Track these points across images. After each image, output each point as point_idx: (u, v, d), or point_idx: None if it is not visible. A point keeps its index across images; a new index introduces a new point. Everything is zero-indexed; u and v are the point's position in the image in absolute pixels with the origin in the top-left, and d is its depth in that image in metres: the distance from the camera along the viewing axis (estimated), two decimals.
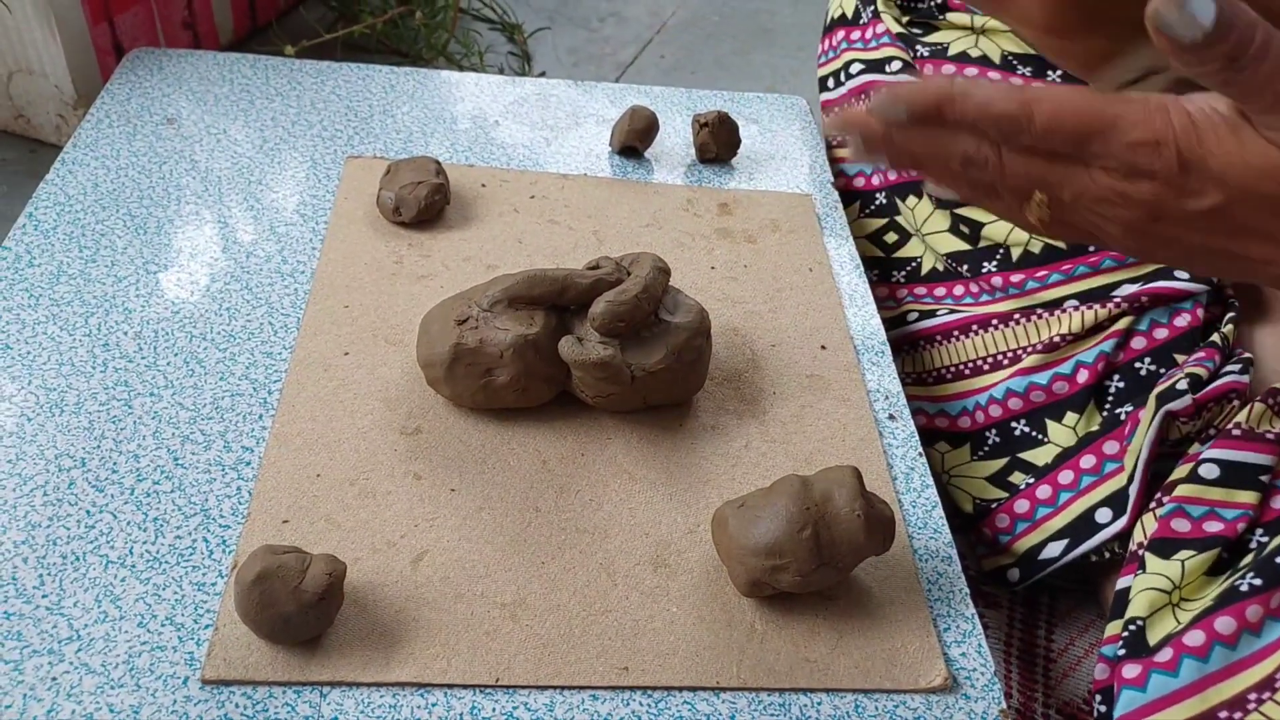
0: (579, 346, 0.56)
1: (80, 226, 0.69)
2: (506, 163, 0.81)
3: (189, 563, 0.51)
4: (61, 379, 0.59)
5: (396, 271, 0.69)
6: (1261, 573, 0.49)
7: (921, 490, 0.61)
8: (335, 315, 0.65)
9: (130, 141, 0.76)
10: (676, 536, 0.56)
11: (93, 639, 0.47)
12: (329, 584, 0.46)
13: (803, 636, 0.52)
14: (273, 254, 0.69)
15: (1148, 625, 0.53)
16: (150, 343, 0.62)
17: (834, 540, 0.50)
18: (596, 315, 0.57)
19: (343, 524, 0.53)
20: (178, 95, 0.82)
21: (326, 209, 0.73)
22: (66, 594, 0.49)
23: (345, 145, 0.79)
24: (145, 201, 0.71)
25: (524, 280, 0.58)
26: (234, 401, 0.59)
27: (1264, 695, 0.46)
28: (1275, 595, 0.48)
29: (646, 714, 0.48)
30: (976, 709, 0.51)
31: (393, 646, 0.49)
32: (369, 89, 0.86)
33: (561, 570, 0.53)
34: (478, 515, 0.55)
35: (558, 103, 0.89)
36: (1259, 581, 0.48)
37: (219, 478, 0.55)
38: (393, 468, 0.56)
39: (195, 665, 0.47)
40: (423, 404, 0.60)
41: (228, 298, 0.65)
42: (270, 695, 0.46)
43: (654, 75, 1.32)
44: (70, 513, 0.52)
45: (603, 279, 0.58)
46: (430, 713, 0.47)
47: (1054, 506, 0.66)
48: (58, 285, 0.64)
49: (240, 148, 0.78)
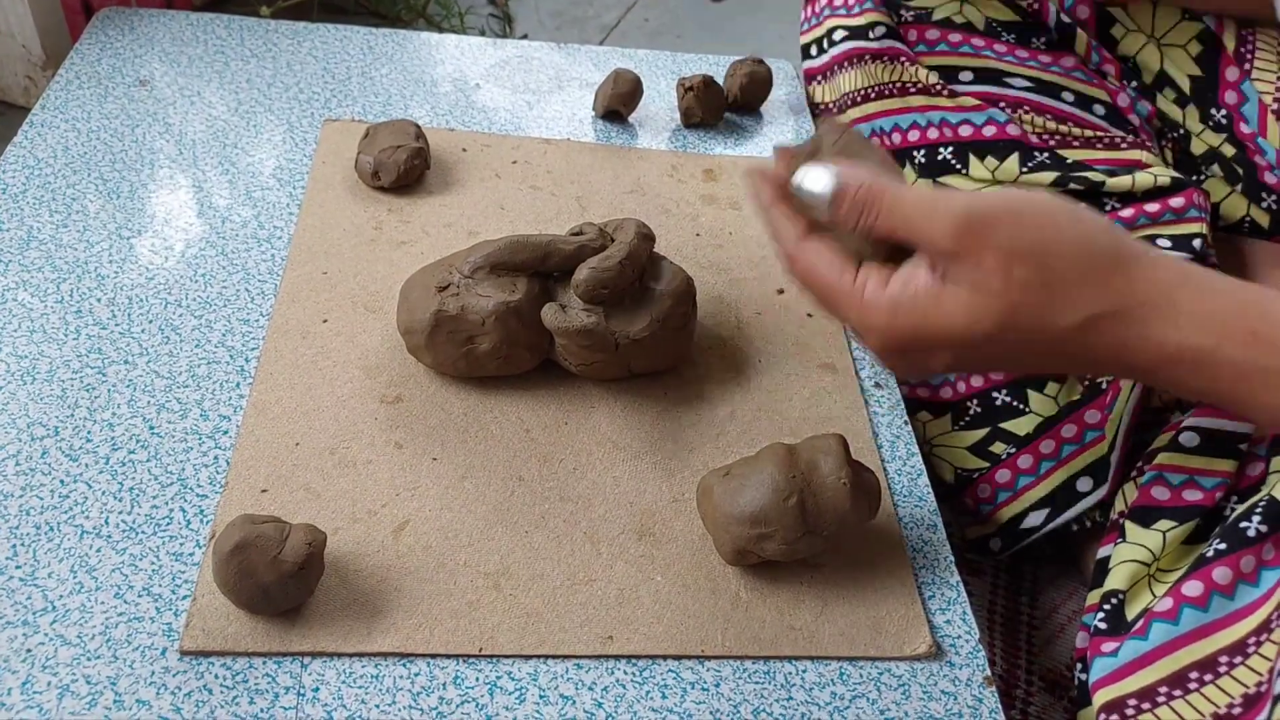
0: (562, 314, 0.56)
1: (50, 190, 0.67)
2: (488, 127, 0.79)
3: (166, 533, 0.50)
4: (33, 346, 0.57)
5: (375, 237, 0.68)
6: (1227, 538, 0.49)
7: (907, 458, 0.61)
8: (313, 282, 0.64)
9: (101, 103, 0.74)
10: (661, 505, 0.55)
11: (68, 610, 0.47)
12: (309, 554, 0.46)
13: (788, 604, 0.52)
14: (249, 219, 0.68)
15: (1127, 599, 0.53)
16: (124, 309, 0.60)
17: (819, 508, 0.50)
18: (580, 282, 0.56)
19: (322, 493, 0.53)
20: (150, 56, 0.80)
21: (304, 173, 0.72)
22: (41, 565, 0.48)
23: (322, 108, 0.78)
24: (117, 165, 0.70)
25: (506, 246, 0.57)
26: (210, 369, 0.58)
27: (1236, 659, 0.46)
28: (1244, 558, 0.48)
29: (631, 683, 0.48)
30: (961, 676, 0.51)
31: (374, 616, 0.48)
32: (347, 51, 0.84)
33: (545, 539, 0.53)
34: (460, 484, 0.54)
35: (540, 66, 0.87)
36: (1224, 546, 0.49)
37: (196, 446, 0.54)
38: (373, 436, 0.56)
39: (173, 636, 0.46)
40: (403, 372, 0.59)
41: (203, 264, 0.64)
42: (250, 666, 0.46)
43: (638, 39, 1.30)
44: (44, 482, 0.51)
45: (586, 245, 0.57)
46: (413, 682, 0.46)
47: (1035, 476, 0.66)
48: (28, 250, 0.63)
49: (215, 110, 0.76)
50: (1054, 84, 0.71)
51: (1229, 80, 0.66)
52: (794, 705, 0.48)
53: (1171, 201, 0.64)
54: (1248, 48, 0.67)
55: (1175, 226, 0.63)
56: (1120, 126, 0.69)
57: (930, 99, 0.71)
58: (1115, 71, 0.72)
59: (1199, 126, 0.68)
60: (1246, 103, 0.66)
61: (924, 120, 0.71)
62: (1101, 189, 0.65)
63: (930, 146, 0.70)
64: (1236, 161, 0.67)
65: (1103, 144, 0.67)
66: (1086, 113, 0.69)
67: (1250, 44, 0.67)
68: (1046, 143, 0.67)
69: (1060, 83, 0.71)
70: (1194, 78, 0.68)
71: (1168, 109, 0.70)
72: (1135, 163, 0.66)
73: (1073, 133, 0.68)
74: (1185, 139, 0.69)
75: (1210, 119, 0.68)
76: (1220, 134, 0.67)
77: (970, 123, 0.69)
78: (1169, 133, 0.71)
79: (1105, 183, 0.65)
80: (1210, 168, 0.69)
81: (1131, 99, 0.71)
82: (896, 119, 0.72)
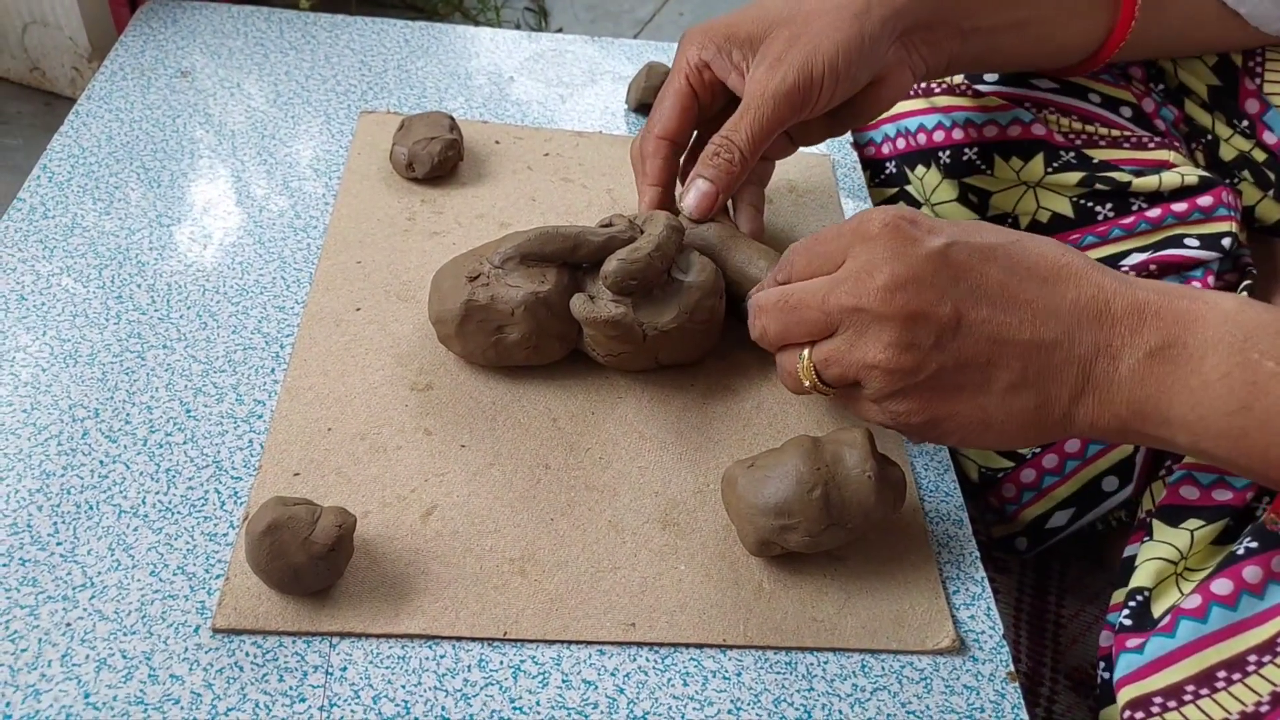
0: (590, 304, 0.56)
1: (94, 179, 0.69)
2: (521, 119, 0.80)
3: (200, 513, 0.51)
4: (75, 330, 0.59)
5: (409, 228, 0.69)
6: (1259, 536, 0.48)
7: (934, 453, 0.61)
8: (347, 271, 0.65)
9: (144, 94, 0.76)
10: (686, 495, 0.56)
11: (105, 586, 0.48)
12: (339, 536, 0.47)
13: (810, 596, 0.52)
14: (285, 209, 0.69)
15: (1153, 597, 0.52)
16: (163, 295, 0.62)
17: (844, 501, 0.50)
18: (609, 273, 0.56)
19: (353, 477, 0.54)
20: (192, 48, 0.81)
21: (339, 164, 0.73)
22: (80, 542, 0.49)
23: (359, 100, 0.79)
24: (159, 154, 0.71)
25: (536, 237, 0.58)
26: (246, 355, 0.59)
27: (1264, 658, 0.46)
28: (1275, 558, 0.48)
29: (653, 670, 0.48)
30: (984, 671, 0.51)
31: (402, 599, 0.49)
32: (383, 44, 0.85)
33: (570, 527, 0.53)
34: (488, 471, 0.55)
35: (574, 59, 0.88)
36: (1255, 544, 0.48)
37: (231, 430, 0.55)
38: (403, 423, 0.57)
39: (206, 614, 0.47)
40: (434, 360, 0.60)
41: (240, 252, 0.65)
42: (280, 645, 0.47)
43: (672, 32, 1.30)
44: (84, 462, 0.53)
45: (615, 237, 0.58)
46: (439, 664, 0.47)
47: (1060, 475, 0.65)
48: (71, 238, 0.64)
49: (254, 101, 0.77)
50: (1080, 85, 0.70)
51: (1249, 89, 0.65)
52: (815, 696, 0.49)
53: (1200, 200, 0.63)
54: (1255, 61, 0.67)
55: (1203, 225, 0.63)
56: (1147, 129, 0.69)
57: (955, 99, 0.71)
58: (1141, 75, 0.71)
59: (1227, 131, 0.67)
60: (1269, 111, 0.65)
61: (949, 120, 0.71)
62: (1128, 189, 0.64)
63: (955, 147, 0.70)
64: (1267, 167, 0.66)
65: (1129, 144, 0.67)
66: (1113, 114, 0.69)
67: (1259, 57, 0.67)
68: (1072, 142, 0.67)
69: (1086, 84, 0.70)
70: (1213, 87, 0.68)
71: (1195, 114, 0.69)
72: (1163, 163, 0.65)
73: (1099, 132, 0.67)
74: (1214, 144, 0.68)
75: (1236, 126, 0.67)
76: (1249, 140, 0.67)
77: (995, 123, 0.69)
78: (1198, 138, 0.70)
79: (1131, 183, 0.64)
80: (1241, 173, 0.68)
81: (1157, 103, 0.70)
82: (922, 119, 0.72)
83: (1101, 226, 0.67)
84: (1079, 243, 0.68)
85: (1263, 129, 0.65)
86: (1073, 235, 0.68)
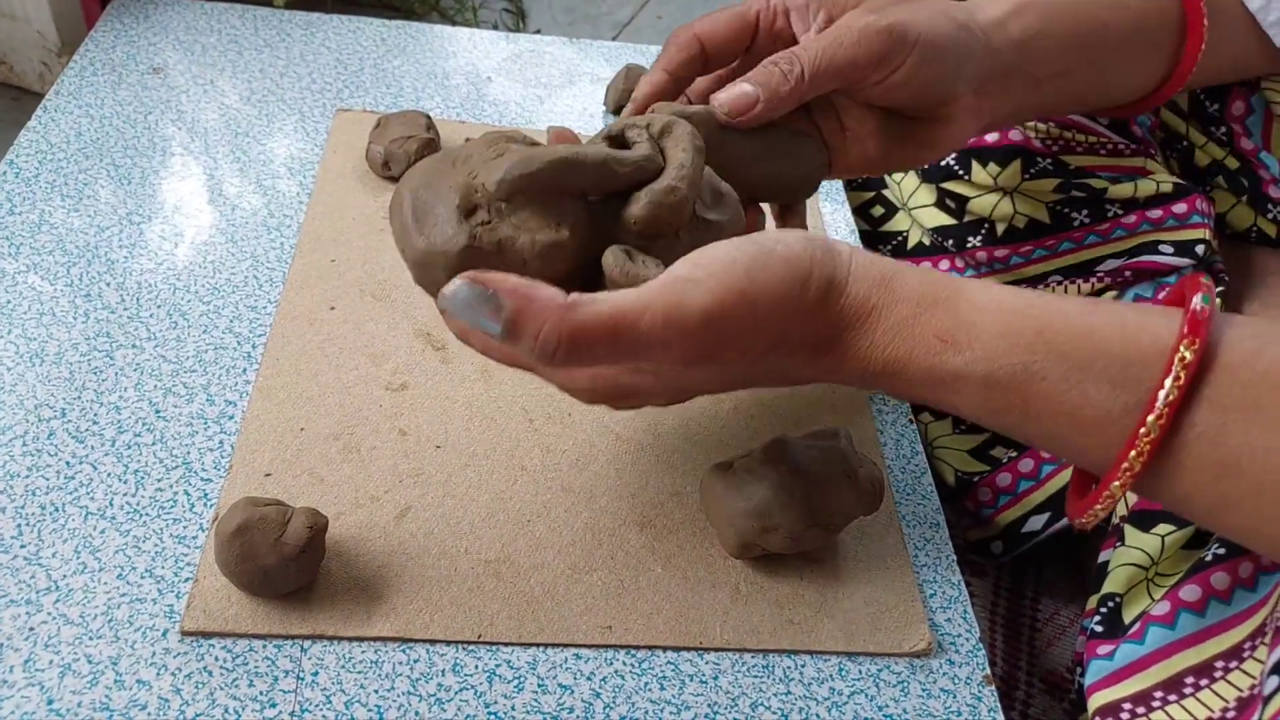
0: (630, 262, 0.42)
1: (63, 175, 0.67)
2: (499, 120, 0.79)
3: (169, 515, 0.50)
4: (42, 329, 0.58)
5: (384, 226, 0.68)
6: (1227, 543, 0.48)
7: (911, 457, 0.61)
8: (322, 270, 0.64)
9: (115, 90, 0.75)
10: (663, 498, 0.55)
11: (71, 590, 0.47)
12: (310, 537, 0.46)
13: (787, 598, 0.52)
14: (259, 207, 0.68)
15: (1124, 603, 0.53)
16: (133, 294, 0.61)
17: (824, 502, 0.50)
18: (639, 217, 0.43)
19: (326, 478, 0.53)
20: (164, 44, 0.80)
21: (314, 162, 0.72)
22: (45, 544, 0.48)
23: (334, 99, 0.78)
24: (130, 152, 0.70)
25: (550, 165, 0.42)
26: (217, 355, 0.58)
27: (1232, 664, 0.46)
28: (1242, 564, 0.48)
29: (630, 673, 0.48)
30: (960, 674, 0.51)
31: (375, 601, 0.48)
32: (359, 42, 0.85)
33: (546, 529, 0.53)
34: (463, 472, 0.54)
35: (552, 60, 0.87)
36: (1223, 551, 0.48)
37: (201, 430, 0.54)
38: (378, 423, 0.56)
39: (175, 617, 0.47)
40: (409, 360, 0.59)
41: (212, 250, 0.64)
42: (250, 648, 0.46)
43: (651, 35, 1.30)
44: (49, 463, 0.52)
45: (644, 166, 0.44)
46: (412, 668, 0.47)
47: (1035, 480, 0.66)
48: (39, 234, 0.63)
49: (228, 99, 0.76)
50: None
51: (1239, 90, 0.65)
52: (792, 700, 0.48)
53: (1174, 208, 0.63)
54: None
55: (1178, 232, 0.63)
56: (1124, 136, 0.69)
57: None
58: None
59: (1201, 138, 0.68)
60: (1252, 115, 0.65)
61: None
62: (1104, 195, 0.65)
63: None
64: (1241, 174, 0.67)
65: (1106, 150, 0.67)
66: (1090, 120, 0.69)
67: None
68: (1049, 149, 0.67)
69: None
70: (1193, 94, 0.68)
71: (1170, 120, 0.69)
72: (1138, 170, 0.66)
73: (1076, 139, 0.68)
74: (1189, 151, 0.69)
75: (1212, 134, 0.68)
76: (1224, 148, 0.67)
77: None
78: (1173, 144, 0.70)
79: (1108, 189, 0.64)
80: (1215, 179, 0.68)
81: None
82: None
83: (1077, 233, 0.68)
84: (1055, 248, 0.68)
85: (1241, 134, 0.66)
86: (1049, 240, 0.68)
